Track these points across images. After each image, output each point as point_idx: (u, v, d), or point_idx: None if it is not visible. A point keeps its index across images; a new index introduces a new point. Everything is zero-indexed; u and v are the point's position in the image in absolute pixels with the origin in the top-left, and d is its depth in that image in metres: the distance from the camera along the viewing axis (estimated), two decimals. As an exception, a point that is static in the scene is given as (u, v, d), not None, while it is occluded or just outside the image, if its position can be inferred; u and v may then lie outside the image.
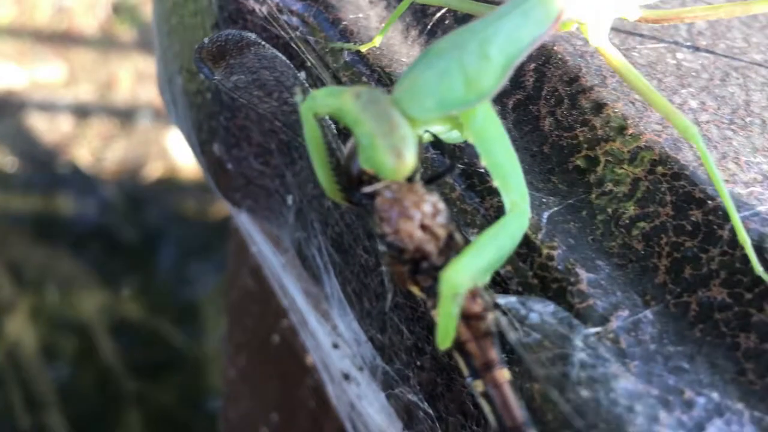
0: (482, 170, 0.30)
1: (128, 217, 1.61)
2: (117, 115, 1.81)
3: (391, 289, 0.27)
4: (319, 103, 0.24)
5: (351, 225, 0.37)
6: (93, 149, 1.81)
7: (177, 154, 1.61)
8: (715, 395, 0.25)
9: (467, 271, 0.22)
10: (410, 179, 0.25)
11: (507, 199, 0.25)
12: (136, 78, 1.87)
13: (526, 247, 0.28)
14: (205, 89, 0.41)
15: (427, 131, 0.25)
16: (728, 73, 0.34)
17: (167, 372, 1.36)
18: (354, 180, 0.25)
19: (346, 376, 0.43)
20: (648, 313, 0.27)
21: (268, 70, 0.31)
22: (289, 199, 0.42)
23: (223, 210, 1.44)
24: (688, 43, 0.35)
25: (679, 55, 0.34)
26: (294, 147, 0.40)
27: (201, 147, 0.44)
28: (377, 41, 0.33)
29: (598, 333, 0.26)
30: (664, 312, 0.27)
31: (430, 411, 0.35)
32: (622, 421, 0.23)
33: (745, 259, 0.26)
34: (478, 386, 0.24)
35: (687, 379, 0.25)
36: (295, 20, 0.35)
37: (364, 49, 0.33)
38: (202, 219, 1.54)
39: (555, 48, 0.33)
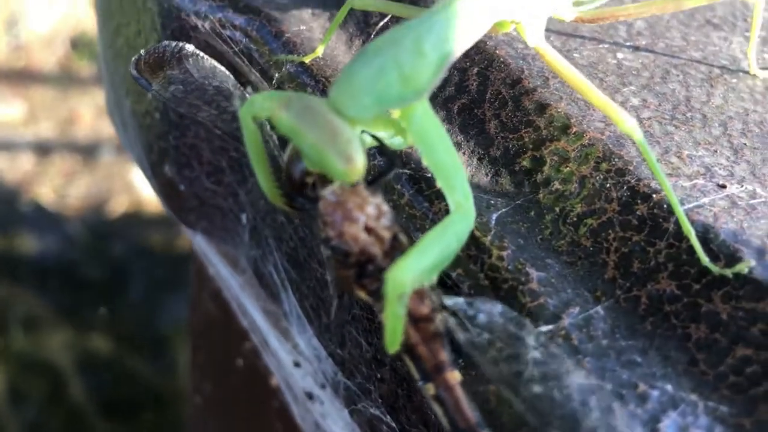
0: (429, 175, 0.30)
1: (93, 252, 1.58)
2: (79, 150, 1.79)
3: (336, 296, 0.27)
4: (258, 107, 0.24)
5: (305, 239, 0.36)
6: (55, 186, 1.78)
7: (142, 187, 1.59)
8: (668, 387, 0.24)
9: (411, 271, 0.22)
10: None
11: (451, 200, 0.25)
12: (98, 113, 1.85)
13: (476, 248, 0.28)
14: (153, 109, 0.41)
15: (370, 135, 0.25)
16: (668, 70, 0.34)
17: (139, 410, 1.33)
18: (296, 184, 0.24)
19: (310, 395, 0.43)
20: (599, 309, 0.26)
21: (206, 79, 0.31)
22: (243, 218, 0.41)
23: (190, 242, 1.43)
24: (628, 43, 0.35)
25: (620, 55, 0.34)
26: (245, 164, 0.39)
27: (152, 169, 0.44)
28: (320, 51, 0.33)
29: (550, 331, 0.25)
30: (614, 307, 0.27)
31: (393, 424, 0.34)
32: (577, 416, 0.23)
33: (691, 250, 0.26)
34: (430, 389, 0.24)
35: (640, 373, 0.25)
36: (238, 35, 0.35)
37: (307, 60, 0.33)
38: (169, 252, 1.52)
39: (497, 51, 0.33)
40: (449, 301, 0.25)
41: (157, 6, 0.36)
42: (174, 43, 0.31)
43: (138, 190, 1.65)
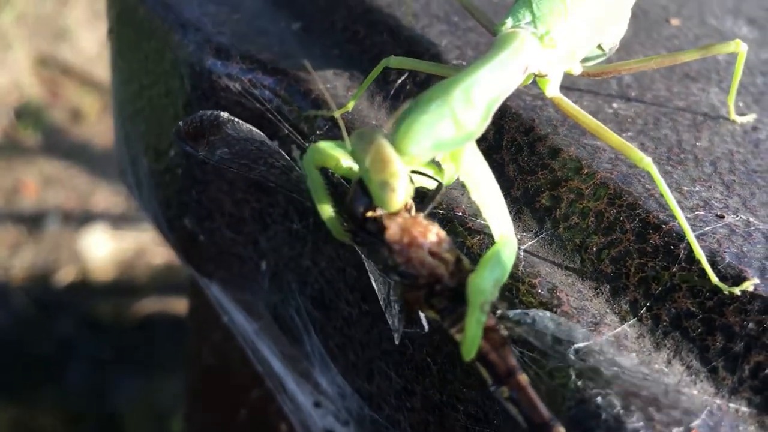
0: (460, 214, 0.33)
1: (39, 326, 1.54)
2: (24, 221, 1.76)
3: (402, 322, 0.29)
4: (320, 154, 0.27)
5: (332, 281, 0.39)
6: None
7: (89, 257, 1.57)
8: (695, 392, 0.27)
9: (489, 281, 0.25)
10: (410, 212, 0.27)
11: (496, 231, 0.28)
12: (43, 182, 1.84)
13: (510, 278, 0.31)
14: (175, 166, 0.43)
15: (417, 172, 0.28)
16: (659, 118, 0.38)
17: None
18: (359, 220, 0.27)
19: (329, 435, 0.45)
20: (626, 327, 0.30)
21: (248, 141, 0.34)
22: (263, 265, 0.43)
23: (142, 311, 1.41)
24: (620, 95, 0.39)
25: (615, 105, 0.38)
26: (267, 213, 0.42)
27: (169, 223, 0.46)
28: (350, 106, 0.36)
29: (586, 346, 0.28)
30: (638, 325, 0.30)
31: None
32: (621, 418, 0.26)
33: (702, 272, 0.30)
34: (504, 392, 0.26)
35: (668, 381, 0.28)
36: (267, 93, 0.38)
37: (337, 114, 0.36)
38: (119, 323, 1.49)
39: (508, 104, 0.36)
40: (510, 312, 0.27)
41: (188, 69, 0.39)
42: (210, 112, 0.34)
43: (85, 259, 1.63)
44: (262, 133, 0.34)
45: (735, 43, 0.33)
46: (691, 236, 0.30)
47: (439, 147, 0.26)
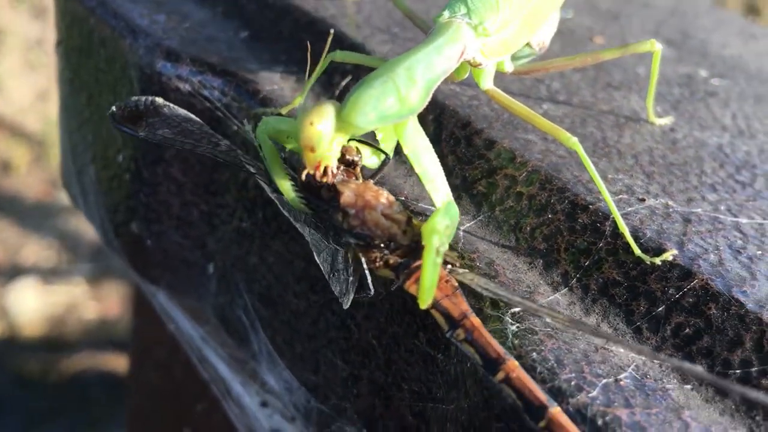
0: (403, 198, 0.35)
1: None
2: (-51, 275, 1.71)
3: (350, 286, 0.30)
4: (272, 127, 0.28)
5: (279, 275, 0.40)
6: None
7: (18, 312, 1.52)
8: (621, 350, 0.29)
9: (441, 224, 0.26)
10: (360, 179, 0.29)
11: (437, 199, 0.30)
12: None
13: (451, 251, 0.32)
14: (123, 171, 0.44)
15: (362, 141, 0.30)
16: (585, 119, 0.41)
17: None
18: (313, 188, 0.29)
19: (275, 435, 0.45)
20: (558, 296, 0.32)
21: (188, 122, 0.35)
22: (210, 267, 0.44)
23: (74, 367, 1.38)
24: (550, 99, 0.42)
25: (545, 106, 0.41)
26: (215, 215, 0.43)
27: (116, 229, 0.46)
28: (296, 103, 0.38)
29: (522, 311, 0.30)
30: (569, 294, 0.32)
31: (369, 439, 0.37)
32: (556, 371, 0.27)
33: (626, 246, 0.32)
34: (460, 335, 0.28)
35: (597, 341, 0.30)
36: (216, 94, 0.40)
37: (284, 111, 0.37)
38: (50, 379, 1.45)
39: (446, 102, 0.39)
40: (459, 268, 0.29)
41: (138, 72, 0.40)
42: (145, 97, 0.35)
43: (13, 314, 1.57)
44: (198, 119, 0.35)
45: (650, 42, 0.36)
46: (616, 213, 0.32)
47: (383, 119, 0.28)
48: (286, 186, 0.30)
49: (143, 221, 0.44)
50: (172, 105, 0.35)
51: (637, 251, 0.32)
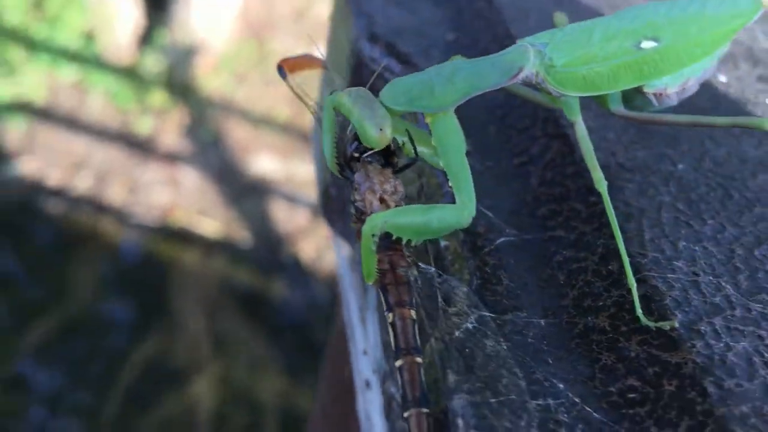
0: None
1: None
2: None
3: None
4: (336, 99, 0.34)
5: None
6: (318, 247, 1.98)
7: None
8: (561, 385, 0.30)
9: (383, 219, 0.31)
10: (384, 165, 0.34)
11: (458, 198, 0.33)
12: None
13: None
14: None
15: (406, 140, 0.34)
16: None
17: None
18: (347, 159, 0.34)
19: (368, 383, 0.51)
20: (542, 322, 0.33)
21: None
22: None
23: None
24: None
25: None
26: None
27: (322, 182, 0.56)
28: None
29: (493, 318, 0.32)
30: (555, 324, 0.33)
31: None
32: (495, 376, 0.30)
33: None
34: (390, 317, 0.32)
35: (544, 369, 0.31)
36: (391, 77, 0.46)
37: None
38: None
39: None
40: (423, 266, 0.33)
41: (349, 45, 0.49)
42: (309, 54, 0.41)
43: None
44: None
45: (765, 120, 0.35)
46: (627, 263, 0.32)
47: (411, 106, 0.33)
48: (330, 155, 0.35)
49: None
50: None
51: (639, 310, 0.32)
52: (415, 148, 0.34)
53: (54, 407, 1.69)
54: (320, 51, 0.40)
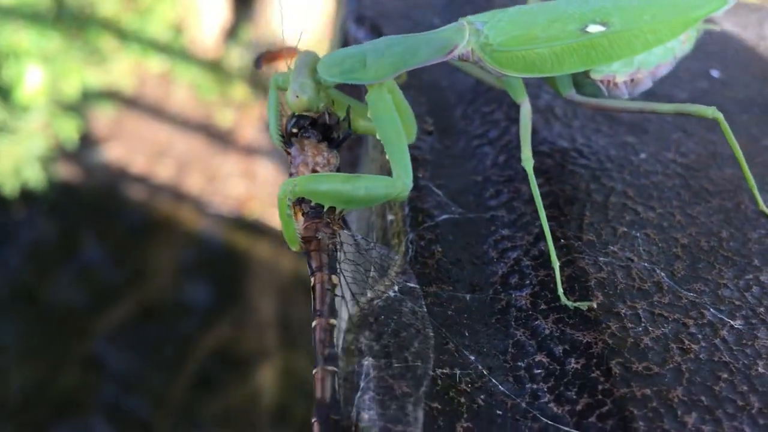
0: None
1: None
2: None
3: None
4: (281, 80, 0.35)
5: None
6: None
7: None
8: (472, 357, 0.30)
9: (297, 184, 0.31)
10: (321, 141, 0.35)
11: (393, 170, 0.33)
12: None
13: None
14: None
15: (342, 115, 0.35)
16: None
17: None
18: (287, 133, 0.35)
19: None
20: (467, 296, 0.33)
21: None
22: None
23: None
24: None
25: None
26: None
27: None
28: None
29: (415, 289, 0.32)
30: (480, 300, 0.33)
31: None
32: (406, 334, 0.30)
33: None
34: (311, 281, 0.33)
35: (460, 341, 0.31)
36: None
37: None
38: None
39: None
40: (356, 235, 0.33)
41: (341, 25, 0.50)
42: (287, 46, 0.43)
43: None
44: None
45: (711, 109, 0.34)
46: (550, 242, 0.32)
47: (344, 78, 0.33)
48: (275, 130, 0.36)
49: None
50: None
51: (560, 289, 0.31)
52: (349, 123, 0.35)
53: (125, 387, 1.76)
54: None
